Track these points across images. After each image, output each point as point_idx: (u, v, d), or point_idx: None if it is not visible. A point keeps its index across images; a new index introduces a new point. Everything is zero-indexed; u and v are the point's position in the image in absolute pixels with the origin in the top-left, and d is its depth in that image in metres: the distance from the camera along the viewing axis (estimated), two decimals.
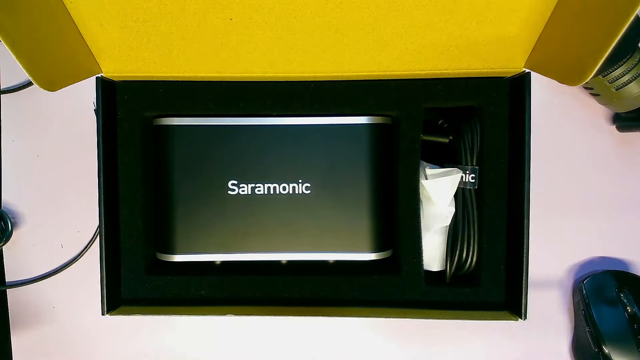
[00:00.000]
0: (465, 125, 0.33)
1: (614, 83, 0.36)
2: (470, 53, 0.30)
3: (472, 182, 0.33)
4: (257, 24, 0.28)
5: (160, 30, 0.28)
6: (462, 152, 0.33)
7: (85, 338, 0.42)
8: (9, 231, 0.40)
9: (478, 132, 0.33)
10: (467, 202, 0.33)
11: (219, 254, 0.33)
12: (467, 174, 0.33)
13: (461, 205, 0.33)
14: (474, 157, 0.33)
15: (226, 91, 0.33)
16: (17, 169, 0.42)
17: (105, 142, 0.31)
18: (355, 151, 0.33)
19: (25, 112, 0.42)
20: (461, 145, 0.33)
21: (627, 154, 0.41)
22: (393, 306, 0.31)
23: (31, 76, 0.25)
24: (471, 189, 0.33)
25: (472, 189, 0.33)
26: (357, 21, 0.28)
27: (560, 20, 0.27)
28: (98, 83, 0.31)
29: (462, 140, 0.33)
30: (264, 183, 0.33)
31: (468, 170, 0.33)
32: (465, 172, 0.33)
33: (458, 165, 0.33)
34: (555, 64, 0.28)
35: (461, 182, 0.33)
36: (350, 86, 0.33)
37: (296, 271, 0.34)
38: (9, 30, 0.23)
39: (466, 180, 0.33)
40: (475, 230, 0.33)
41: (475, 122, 0.33)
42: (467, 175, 0.33)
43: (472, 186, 0.33)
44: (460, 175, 0.33)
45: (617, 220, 0.41)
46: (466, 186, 0.33)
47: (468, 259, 0.33)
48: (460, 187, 0.33)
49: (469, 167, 0.33)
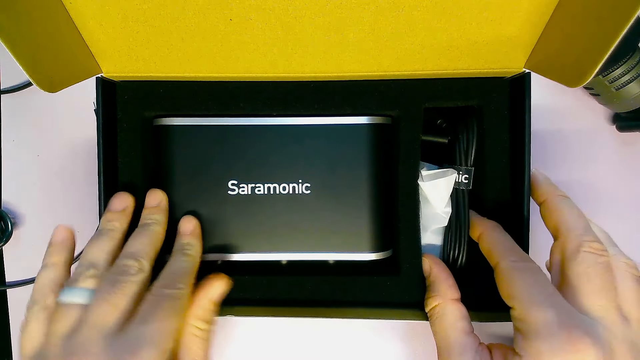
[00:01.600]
0: (462, 126, 0.33)
1: (614, 83, 0.36)
2: (470, 53, 0.30)
3: (466, 182, 0.33)
4: (257, 24, 0.28)
5: (160, 31, 0.28)
6: (456, 152, 0.33)
7: None
8: (9, 231, 0.40)
9: (474, 133, 0.33)
10: (459, 202, 0.33)
11: (219, 254, 0.33)
12: (461, 175, 0.33)
13: (454, 206, 0.33)
14: (468, 158, 0.33)
15: (226, 91, 0.33)
16: (17, 169, 0.42)
17: (105, 142, 0.32)
18: (355, 151, 0.33)
19: (25, 112, 0.42)
20: (456, 146, 0.33)
21: (627, 154, 0.41)
22: (393, 307, 0.31)
23: (31, 77, 0.25)
24: (464, 190, 0.33)
25: (465, 190, 0.33)
26: (357, 21, 0.28)
27: (560, 21, 0.27)
28: (98, 83, 0.31)
29: (457, 140, 0.33)
30: (264, 183, 0.33)
31: (462, 171, 0.33)
32: (459, 173, 0.33)
33: (454, 166, 0.33)
34: (555, 65, 0.28)
35: (455, 182, 0.33)
36: (350, 86, 0.33)
37: (296, 271, 0.34)
38: (9, 32, 0.23)
39: (459, 181, 0.33)
40: (466, 230, 0.33)
41: (472, 122, 0.33)
42: (460, 176, 0.33)
43: (465, 187, 0.33)
44: (455, 176, 0.33)
45: (617, 220, 0.41)
46: (460, 186, 0.33)
47: (458, 259, 0.33)
48: (455, 187, 0.33)
49: (462, 168, 0.33)
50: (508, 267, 0.27)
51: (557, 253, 0.28)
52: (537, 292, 0.25)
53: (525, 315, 0.25)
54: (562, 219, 0.28)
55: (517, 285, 0.26)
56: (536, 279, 0.26)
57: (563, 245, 0.27)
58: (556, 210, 0.29)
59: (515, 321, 0.26)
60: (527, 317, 0.25)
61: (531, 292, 0.25)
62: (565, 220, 0.28)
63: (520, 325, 0.26)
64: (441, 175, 0.33)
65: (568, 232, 0.27)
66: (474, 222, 0.32)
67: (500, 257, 0.28)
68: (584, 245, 0.26)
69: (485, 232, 0.31)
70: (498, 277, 0.28)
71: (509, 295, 0.27)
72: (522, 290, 0.26)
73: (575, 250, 0.26)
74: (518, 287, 0.26)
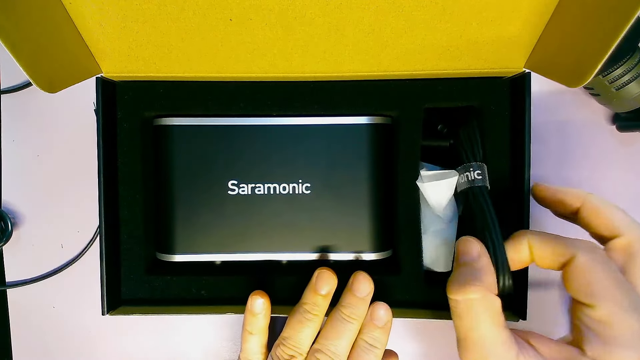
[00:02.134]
0: (463, 128, 0.33)
1: (614, 83, 0.36)
2: (470, 53, 0.30)
3: (480, 178, 0.30)
4: (257, 24, 0.28)
5: (160, 31, 0.28)
6: (462, 152, 0.32)
7: (85, 338, 0.42)
8: (9, 231, 0.40)
9: (477, 130, 0.32)
10: (480, 201, 0.30)
11: (219, 254, 0.33)
12: (472, 171, 0.31)
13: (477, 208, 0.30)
14: (476, 154, 0.32)
15: (226, 91, 0.33)
16: (17, 169, 0.42)
17: (105, 142, 0.32)
18: (355, 151, 0.33)
19: (25, 112, 0.42)
20: (460, 147, 0.33)
21: (627, 154, 0.41)
22: (393, 306, 0.31)
23: (31, 78, 0.25)
24: (481, 187, 0.31)
25: (483, 187, 0.31)
26: (357, 21, 0.28)
27: (560, 21, 0.27)
28: (98, 83, 0.31)
29: (460, 142, 0.33)
30: (264, 183, 0.33)
31: (473, 167, 0.31)
32: (470, 170, 0.31)
33: (457, 167, 0.33)
34: (555, 66, 0.28)
35: (467, 181, 0.31)
36: (350, 86, 0.33)
37: (296, 271, 0.34)
38: (9, 32, 0.23)
39: (472, 178, 0.31)
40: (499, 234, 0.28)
41: (473, 122, 0.33)
42: (472, 173, 0.31)
43: (481, 183, 0.31)
44: (457, 178, 0.32)
45: None
46: (475, 183, 0.31)
47: (502, 281, 0.27)
48: (469, 185, 0.31)
49: (473, 164, 0.31)
50: (588, 261, 0.25)
51: (619, 252, 0.26)
52: (623, 295, 0.24)
53: (611, 320, 0.23)
54: (616, 217, 0.27)
55: (604, 285, 0.24)
56: (619, 278, 0.24)
57: (628, 243, 0.26)
58: (604, 210, 0.27)
59: (590, 321, 0.24)
60: (614, 323, 0.23)
61: (617, 294, 0.24)
62: (620, 218, 0.26)
63: (600, 328, 0.24)
64: (441, 177, 0.32)
65: (627, 230, 0.26)
66: (513, 240, 0.28)
67: (576, 251, 0.25)
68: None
69: (532, 239, 0.27)
70: (576, 271, 0.25)
71: (591, 293, 0.24)
72: (608, 291, 0.24)
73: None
74: (604, 287, 0.24)
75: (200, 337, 0.42)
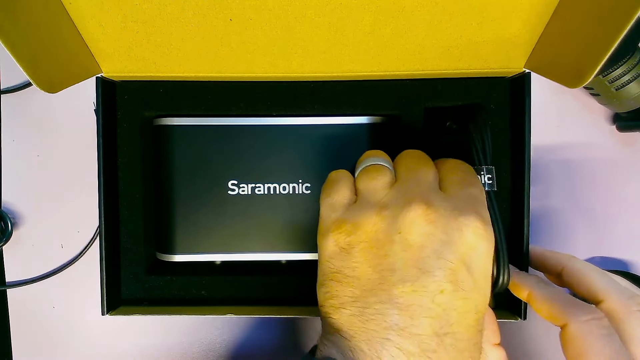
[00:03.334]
0: (472, 125, 0.31)
1: (614, 83, 0.36)
2: (470, 53, 0.30)
3: (490, 182, 0.29)
4: (257, 24, 0.28)
5: (160, 31, 0.28)
6: (473, 152, 0.30)
7: (85, 338, 0.42)
8: (9, 231, 0.40)
9: (487, 129, 0.30)
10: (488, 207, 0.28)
11: (219, 254, 0.33)
12: (483, 175, 0.29)
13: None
14: (486, 155, 0.30)
15: (226, 91, 0.33)
16: (17, 169, 0.42)
17: (105, 142, 0.32)
18: (355, 151, 0.33)
19: (25, 112, 0.42)
20: (471, 146, 0.30)
21: (627, 154, 0.41)
22: None
23: (31, 78, 0.25)
24: (490, 191, 0.29)
25: (491, 191, 0.29)
26: (357, 21, 0.28)
27: (560, 21, 0.27)
28: (98, 83, 0.31)
29: (471, 140, 0.30)
30: (264, 183, 0.33)
31: (483, 171, 0.29)
32: (480, 174, 0.29)
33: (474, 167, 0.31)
34: (555, 66, 0.28)
35: None
36: (350, 86, 0.33)
37: (296, 271, 0.34)
38: (9, 32, 0.23)
39: (483, 182, 0.29)
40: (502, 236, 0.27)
41: (483, 119, 0.31)
42: (482, 177, 0.29)
43: (490, 187, 0.29)
44: None
45: (617, 220, 0.41)
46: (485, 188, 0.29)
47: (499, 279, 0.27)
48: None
49: (483, 168, 0.30)
50: (581, 329, 0.25)
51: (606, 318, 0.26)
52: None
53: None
54: (596, 282, 0.27)
55: (596, 353, 0.24)
56: (614, 346, 0.24)
57: (611, 308, 0.26)
58: (584, 275, 0.28)
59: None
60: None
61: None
62: (600, 283, 0.27)
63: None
64: None
65: (608, 294, 0.27)
66: (514, 281, 0.29)
67: (568, 317, 0.25)
68: (631, 305, 0.26)
69: (533, 291, 0.27)
70: (568, 339, 0.25)
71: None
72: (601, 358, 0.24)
73: (627, 312, 0.26)
74: (596, 356, 0.24)
75: (200, 337, 0.42)
